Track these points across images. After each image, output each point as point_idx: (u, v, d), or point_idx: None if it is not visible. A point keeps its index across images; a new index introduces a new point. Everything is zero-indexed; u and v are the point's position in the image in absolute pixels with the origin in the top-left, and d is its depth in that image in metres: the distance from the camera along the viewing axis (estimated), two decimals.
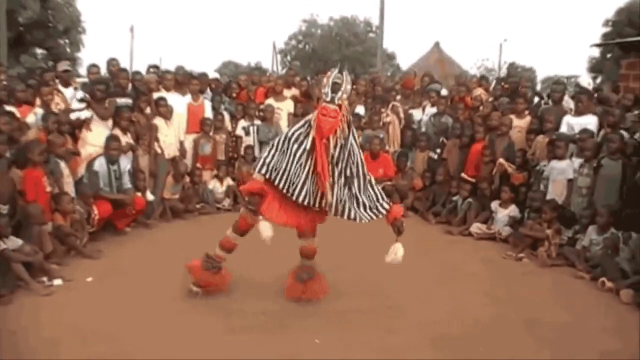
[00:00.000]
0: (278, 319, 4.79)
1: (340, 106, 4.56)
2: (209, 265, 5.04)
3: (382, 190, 4.93)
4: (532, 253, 6.87)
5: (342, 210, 4.76)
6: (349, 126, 4.69)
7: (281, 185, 4.72)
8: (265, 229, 4.78)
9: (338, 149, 4.63)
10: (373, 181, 4.86)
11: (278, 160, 4.73)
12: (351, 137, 4.69)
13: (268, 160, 4.75)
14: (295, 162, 4.67)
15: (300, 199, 4.71)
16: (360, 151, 4.84)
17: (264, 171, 4.74)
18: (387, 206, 4.84)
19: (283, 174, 4.70)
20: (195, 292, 5.11)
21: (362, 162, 4.77)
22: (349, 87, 4.72)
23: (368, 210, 4.80)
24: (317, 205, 4.78)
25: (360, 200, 4.77)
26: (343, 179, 4.71)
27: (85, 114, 7.52)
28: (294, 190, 4.69)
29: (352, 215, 4.77)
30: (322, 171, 4.58)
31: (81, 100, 7.59)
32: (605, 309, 5.31)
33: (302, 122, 4.82)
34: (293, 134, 4.73)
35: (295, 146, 4.68)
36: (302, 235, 5.05)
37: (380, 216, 4.84)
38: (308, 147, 4.61)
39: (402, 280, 5.65)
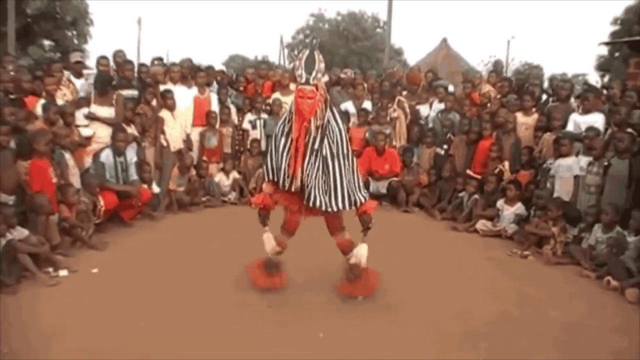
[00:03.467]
0: (283, 312, 4.80)
1: (316, 86, 4.49)
2: (269, 267, 5.11)
3: (362, 181, 4.89)
4: (537, 251, 6.85)
5: (307, 195, 4.67)
6: (327, 104, 4.60)
7: (280, 182, 4.73)
8: (267, 241, 4.95)
9: (319, 131, 4.56)
10: (356, 165, 4.80)
11: (275, 159, 4.76)
12: (330, 116, 4.62)
13: (269, 165, 4.82)
14: (286, 154, 4.66)
15: (286, 186, 4.71)
16: (344, 130, 4.74)
17: (269, 176, 4.84)
18: (362, 198, 4.79)
19: (278, 171, 4.72)
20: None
21: (343, 140, 4.67)
22: (323, 65, 4.58)
23: (345, 199, 4.71)
24: (291, 188, 4.72)
25: (339, 183, 4.67)
26: (320, 159, 4.62)
27: (87, 132, 7.50)
28: (290, 183, 4.69)
29: (317, 203, 4.67)
30: (294, 155, 4.56)
31: (87, 117, 7.54)
32: (610, 308, 5.29)
33: (284, 115, 4.83)
34: (279, 129, 4.75)
35: (283, 139, 4.68)
36: (331, 232, 5.03)
37: (353, 207, 4.79)
38: (293, 135, 4.59)
39: (406, 276, 5.65)
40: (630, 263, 5.81)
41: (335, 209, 4.72)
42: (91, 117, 7.53)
